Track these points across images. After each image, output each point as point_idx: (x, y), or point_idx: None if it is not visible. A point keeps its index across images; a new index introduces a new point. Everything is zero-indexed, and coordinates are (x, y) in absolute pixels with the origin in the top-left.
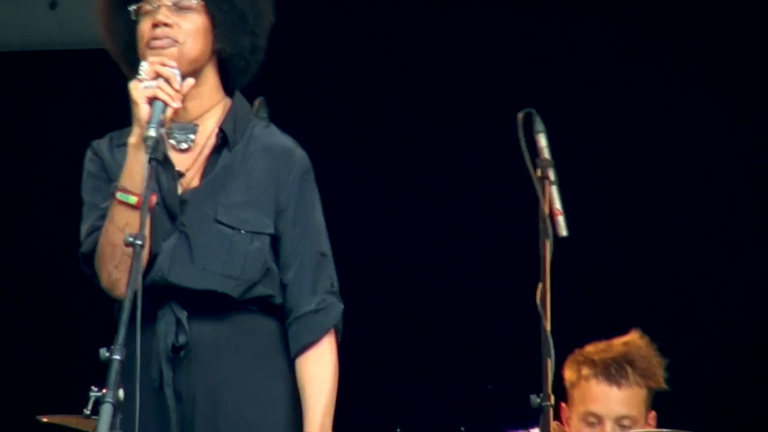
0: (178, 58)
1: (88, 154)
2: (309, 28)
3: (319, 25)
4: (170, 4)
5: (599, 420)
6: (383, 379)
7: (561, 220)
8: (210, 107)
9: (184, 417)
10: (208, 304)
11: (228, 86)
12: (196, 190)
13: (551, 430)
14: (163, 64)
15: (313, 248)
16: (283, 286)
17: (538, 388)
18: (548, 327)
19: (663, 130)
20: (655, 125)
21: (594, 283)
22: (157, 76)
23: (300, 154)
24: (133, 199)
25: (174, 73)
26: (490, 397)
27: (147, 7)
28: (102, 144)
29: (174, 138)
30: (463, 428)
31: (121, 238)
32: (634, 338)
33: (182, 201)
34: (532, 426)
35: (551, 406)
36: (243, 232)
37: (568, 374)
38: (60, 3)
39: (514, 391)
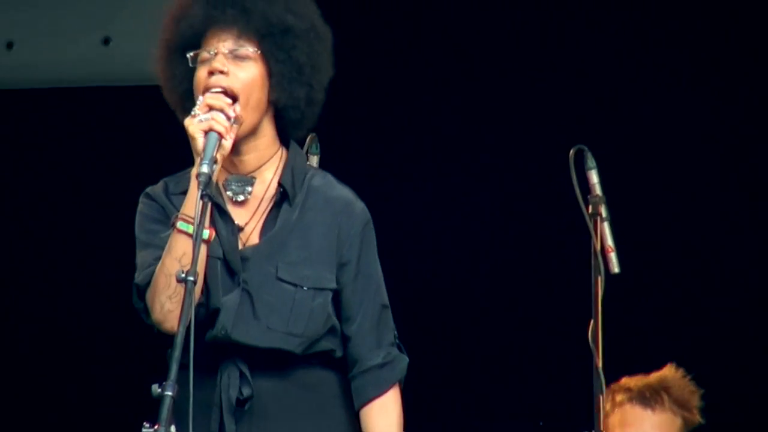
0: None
1: (143, 200)
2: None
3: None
4: (227, 51)
5: None
6: (434, 418)
7: (613, 256)
8: (267, 159)
9: None
10: (270, 360)
11: (284, 137)
12: (257, 247)
13: None
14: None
15: (376, 301)
16: (346, 339)
17: (590, 424)
18: (600, 363)
19: (716, 166)
20: (708, 161)
21: (646, 320)
22: (210, 108)
23: (360, 207)
24: (192, 229)
25: (226, 101)
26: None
27: (205, 54)
28: (157, 189)
29: (231, 190)
30: None
31: (177, 268)
32: (670, 370)
33: (243, 258)
34: None
35: None
36: (305, 288)
37: (605, 406)
38: (113, 39)
39: (566, 427)
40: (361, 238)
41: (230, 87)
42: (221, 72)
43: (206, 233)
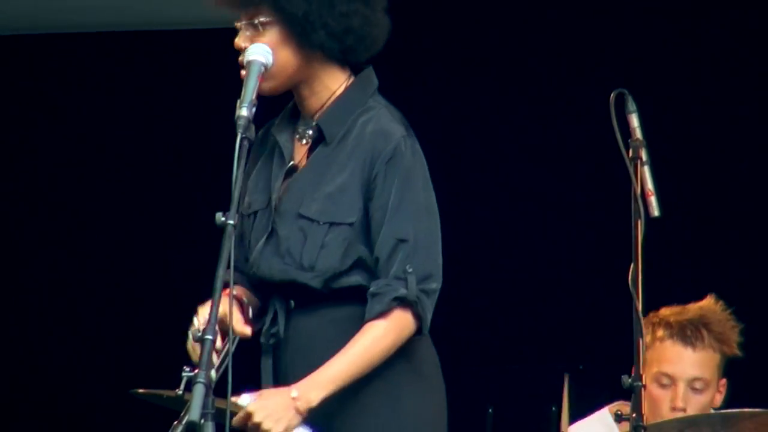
0: (269, 77)
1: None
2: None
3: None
4: (244, 25)
5: (672, 381)
6: (475, 360)
7: (653, 200)
8: (326, 98)
9: None
10: (304, 298)
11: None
12: (290, 186)
13: (625, 409)
14: None
15: (390, 234)
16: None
17: (629, 368)
18: (640, 308)
19: (758, 113)
20: (749, 107)
21: (687, 264)
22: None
23: (396, 136)
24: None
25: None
26: (582, 377)
27: (238, 24)
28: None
29: (298, 133)
30: (554, 408)
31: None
32: (709, 303)
33: (280, 198)
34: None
35: (643, 386)
36: (320, 223)
37: (646, 337)
38: None
39: (607, 371)
40: (385, 172)
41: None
42: (242, 49)
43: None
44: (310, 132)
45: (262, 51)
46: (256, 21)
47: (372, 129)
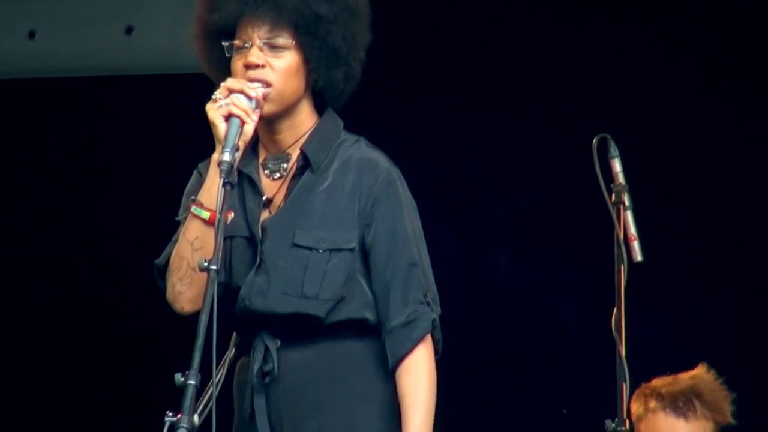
0: (272, 98)
1: (193, 175)
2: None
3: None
4: (261, 43)
5: None
6: (457, 406)
7: (636, 245)
8: (302, 134)
9: None
10: (298, 331)
11: (322, 107)
12: (275, 216)
13: None
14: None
15: (403, 259)
16: (376, 300)
17: (613, 413)
18: (623, 352)
19: (740, 154)
20: (731, 150)
21: (670, 308)
22: (230, 92)
23: (384, 164)
24: (205, 214)
25: (247, 84)
26: (565, 422)
27: (239, 43)
28: (204, 165)
29: (268, 169)
30: None
31: (189, 252)
32: (701, 372)
33: (263, 229)
34: None
35: (626, 430)
36: (320, 251)
37: (635, 407)
38: (136, 28)
39: (589, 416)
40: (385, 196)
41: (266, 80)
42: (257, 66)
43: (207, 215)
44: (285, 165)
45: (244, 104)
46: (279, 42)
47: (358, 157)
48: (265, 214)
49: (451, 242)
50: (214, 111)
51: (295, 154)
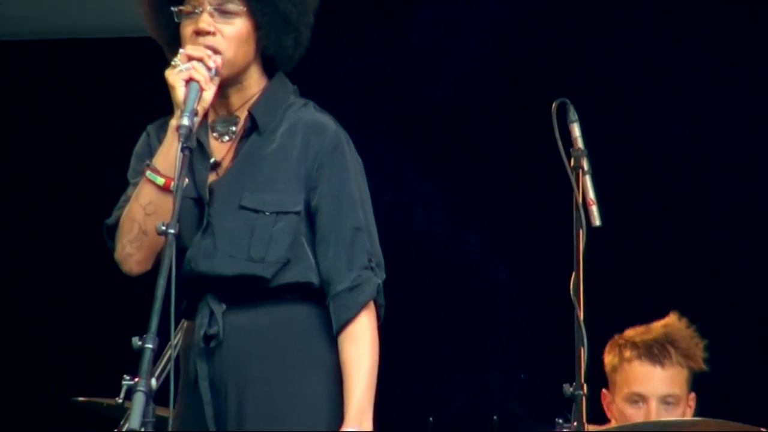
0: (223, 65)
1: (142, 136)
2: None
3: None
4: (212, 9)
5: (644, 400)
6: (416, 369)
7: (594, 209)
8: (251, 97)
9: (218, 409)
10: (243, 294)
11: (272, 70)
12: (222, 178)
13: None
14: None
15: (348, 222)
16: (320, 264)
17: (571, 377)
18: (581, 316)
19: (696, 118)
20: (690, 115)
21: (627, 272)
22: (190, 59)
23: (332, 128)
24: (160, 181)
25: (206, 52)
26: (523, 385)
27: (188, 8)
28: (153, 128)
29: (216, 131)
30: (495, 417)
31: (141, 215)
32: (673, 320)
33: (210, 191)
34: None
35: (584, 395)
36: (267, 213)
37: (609, 359)
38: None
39: (547, 380)
40: (331, 159)
41: (216, 46)
42: (208, 33)
43: (161, 181)
44: (234, 128)
45: (204, 71)
46: (230, 8)
47: (306, 120)
48: (212, 177)
49: (403, 207)
50: (174, 75)
51: (243, 116)
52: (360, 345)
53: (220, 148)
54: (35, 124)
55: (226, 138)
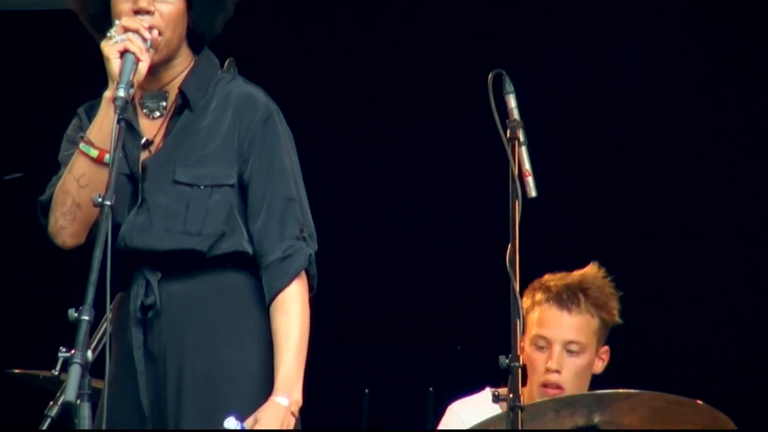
0: (162, 46)
1: (73, 119)
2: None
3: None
4: None
5: (548, 343)
6: (351, 340)
7: (530, 181)
8: (179, 72)
9: (157, 378)
10: (179, 265)
11: (196, 46)
12: (155, 155)
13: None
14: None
15: (279, 193)
16: (253, 235)
17: (507, 348)
18: (517, 288)
19: (631, 88)
20: (622, 83)
21: (562, 243)
22: (126, 30)
23: (262, 99)
24: (94, 153)
25: (143, 24)
26: (459, 357)
27: None
28: (82, 109)
29: (146, 107)
30: (431, 389)
31: (74, 188)
32: (591, 269)
33: (143, 168)
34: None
35: (520, 366)
36: (201, 187)
37: (525, 302)
38: None
39: (483, 351)
40: (263, 130)
41: (156, 25)
42: (147, 12)
43: (95, 153)
44: (164, 104)
45: (139, 43)
46: None
47: (237, 93)
48: (145, 154)
49: (346, 177)
50: (110, 47)
51: (172, 92)
52: (290, 314)
53: (151, 126)
54: None
55: (157, 114)
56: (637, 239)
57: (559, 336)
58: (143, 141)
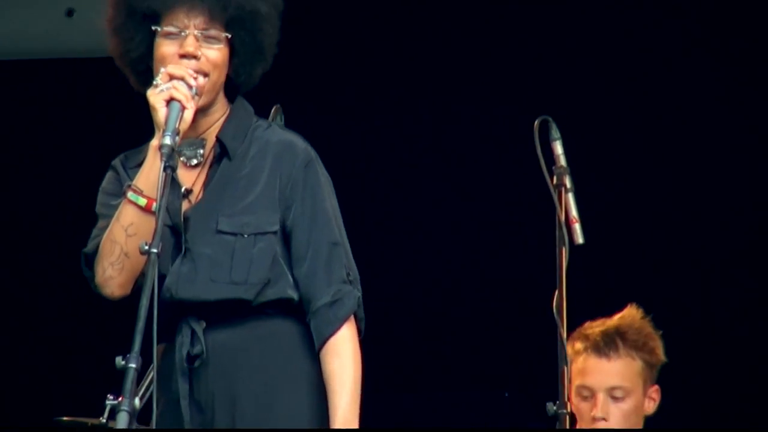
0: (207, 90)
1: (108, 172)
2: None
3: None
4: (197, 33)
5: (591, 392)
6: (399, 386)
7: (577, 227)
8: (216, 119)
9: (204, 426)
10: (223, 313)
11: (231, 94)
12: (196, 205)
13: None
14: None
15: (324, 238)
16: (299, 282)
17: (555, 395)
18: (564, 334)
19: (681, 137)
20: (672, 132)
21: (610, 290)
22: (171, 78)
23: (302, 146)
24: (142, 201)
25: (189, 71)
26: (507, 404)
27: (171, 29)
28: (117, 162)
29: (184, 155)
30: None
31: (122, 237)
32: (628, 312)
33: (185, 218)
34: None
35: (567, 413)
36: (245, 236)
37: (568, 351)
38: (77, 10)
39: (531, 398)
40: (304, 177)
41: (202, 70)
42: (194, 56)
43: (144, 201)
44: (201, 151)
45: (185, 90)
46: (213, 33)
47: (275, 140)
48: (185, 204)
49: (388, 222)
50: (156, 96)
51: (209, 139)
52: (343, 358)
53: (189, 175)
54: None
55: (194, 161)
56: (686, 284)
57: (602, 384)
58: (183, 190)
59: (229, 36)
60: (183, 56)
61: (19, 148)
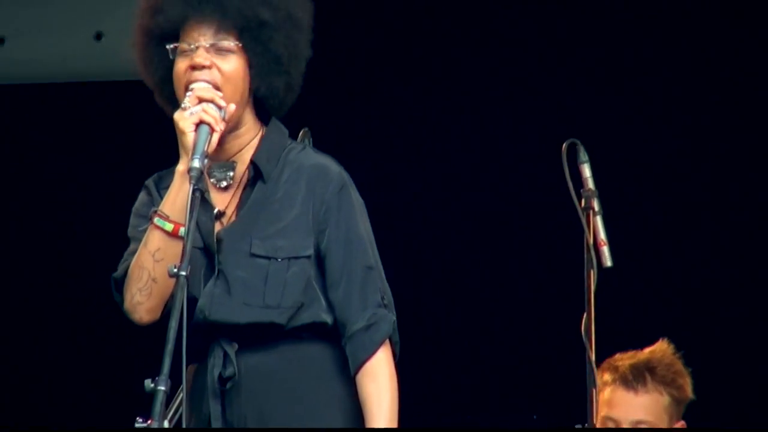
0: (231, 112)
1: (141, 193)
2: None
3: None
4: (208, 45)
5: (617, 424)
6: (428, 412)
7: (606, 250)
8: (247, 143)
9: None
10: (256, 337)
11: (265, 116)
12: (229, 227)
13: None
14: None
15: (359, 263)
16: (334, 306)
17: (583, 418)
18: (593, 357)
19: (711, 160)
20: (703, 154)
21: (638, 314)
22: (200, 101)
23: (335, 170)
24: (169, 226)
25: (217, 93)
26: (536, 427)
27: (184, 46)
28: (151, 182)
29: (214, 177)
30: None
31: (150, 263)
32: (659, 346)
33: (218, 240)
34: None
35: None
36: (279, 260)
37: (598, 381)
38: (106, 34)
39: (559, 421)
40: (338, 201)
41: (214, 81)
42: (204, 66)
43: (170, 227)
44: (231, 173)
45: (214, 113)
46: (224, 45)
47: (309, 164)
48: (217, 226)
49: (417, 245)
50: (185, 120)
51: (240, 161)
52: (379, 381)
53: (220, 197)
54: (39, 169)
55: (224, 183)
56: (714, 310)
57: (627, 416)
58: (216, 212)
59: (241, 45)
60: (194, 68)
61: (50, 172)
